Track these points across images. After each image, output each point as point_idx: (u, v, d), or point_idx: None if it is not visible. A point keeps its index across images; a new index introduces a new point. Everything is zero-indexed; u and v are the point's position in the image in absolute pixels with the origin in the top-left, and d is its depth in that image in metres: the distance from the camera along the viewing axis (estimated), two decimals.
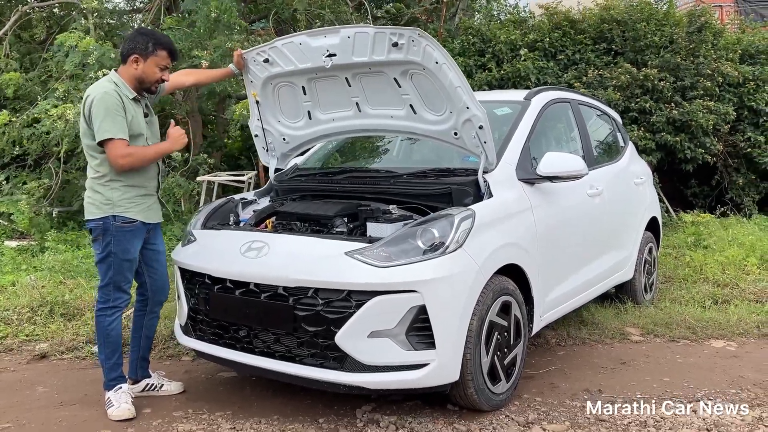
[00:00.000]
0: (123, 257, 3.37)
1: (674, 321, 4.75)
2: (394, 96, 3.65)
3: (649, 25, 9.55)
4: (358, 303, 2.97)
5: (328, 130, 4.07)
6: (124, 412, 3.32)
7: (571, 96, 4.85)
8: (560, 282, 4.01)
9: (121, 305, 3.43)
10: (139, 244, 3.45)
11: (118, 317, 3.43)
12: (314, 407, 3.46)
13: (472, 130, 3.46)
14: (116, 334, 3.42)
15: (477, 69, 9.65)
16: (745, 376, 3.84)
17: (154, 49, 3.39)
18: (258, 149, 4.25)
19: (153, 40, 3.41)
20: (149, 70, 3.40)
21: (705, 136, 8.97)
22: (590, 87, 9.12)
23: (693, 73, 9.18)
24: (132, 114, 3.34)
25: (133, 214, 3.38)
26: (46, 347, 4.45)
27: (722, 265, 6.32)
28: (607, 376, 3.86)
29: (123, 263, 3.38)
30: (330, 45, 3.50)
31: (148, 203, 3.48)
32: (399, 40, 3.33)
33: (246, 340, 3.31)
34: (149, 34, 3.45)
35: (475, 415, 3.30)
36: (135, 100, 3.41)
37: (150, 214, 3.49)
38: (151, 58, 3.39)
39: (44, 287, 5.44)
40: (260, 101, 4.00)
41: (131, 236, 3.39)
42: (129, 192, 3.38)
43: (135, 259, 3.44)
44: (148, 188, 3.48)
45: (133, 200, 3.39)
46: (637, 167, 5.42)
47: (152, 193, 3.52)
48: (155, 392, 3.66)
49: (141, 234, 3.45)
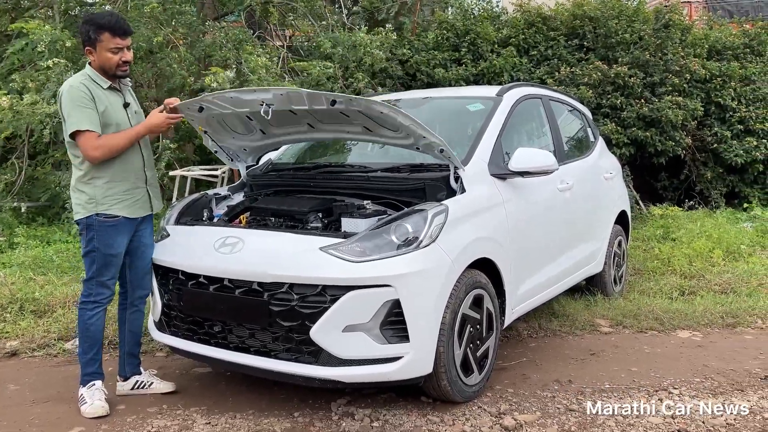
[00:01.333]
0: (105, 252, 3.35)
1: (642, 312, 4.86)
2: (345, 120, 3.59)
3: (620, 22, 9.70)
4: (333, 298, 3.00)
5: (286, 141, 4.12)
6: (98, 409, 3.31)
7: (543, 92, 4.92)
8: (531, 275, 4.07)
9: (102, 301, 3.41)
10: (124, 240, 3.41)
11: (99, 313, 3.40)
12: (289, 401, 3.49)
13: (434, 149, 3.47)
14: (95, 329, 3.40)
15: (452, 63, 9.71)
16: (709, 365, 3.96)
17: (96, 36, 3.27)
18: (223, 159, 4.23)
19: (93, 26, 3.28)
20: (102, 57, 3.30)
21: (674, 130, 9.15)
22: (563, 83, 9.23)
23: (662, 70, 9.35)
24: (106, 104, 3.30)
25: (116, 210, 3.35)
26: (17, 344, 4.40)
27: (689, 258, 6.47)
28: (577, 367, 3.95)
29: (106, 258, 3.36)
30: (264, 98, 3.36)
31: (135, 197, 3.43)
32: (337, 99, 3.25)
33: (221, 336, 3.32)
34: (90, 21, 3.32)
35: (449, 407, 3.36)
36: (112, 89, 3.36)
37: (135, 209, 3.44)
38: (98, 45, 3.28)
39: (14, 284, 5.37)
40: (207, 131, 3.93)
41: (114, 231, 3.36)
42: (113, 188, 3.35)
43: (119, 254, 3.40)
44: (133, 181, 3.42)
45: (117, 196, 3.36)
46: (606, 162, 5.52)
47: (139, 186, 3.45)
48: (144, 390, 3.62)
49: (126, 229, 3.41)
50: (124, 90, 3.48)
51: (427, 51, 9.61)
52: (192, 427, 3.21)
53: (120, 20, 3.33)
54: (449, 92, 5.20)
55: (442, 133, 4.24)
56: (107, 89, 3.34)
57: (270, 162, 4.46)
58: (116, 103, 3.37)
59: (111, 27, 3.27)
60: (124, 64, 3.34)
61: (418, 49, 9.65)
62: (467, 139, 3.96)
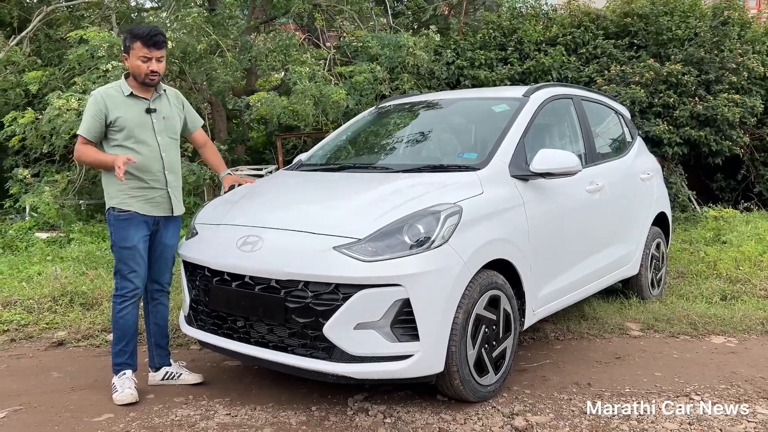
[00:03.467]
0: (121, 245, 3.55)
1: (676, 316, 4.76)
2: None
3: (672, 19, 9.44)
4: (345, 296, 3.08)
5: None
6: (127, 396, 3.50)
7: (574, 92, 4.87)
8: (555, 277, 4.05)
9: (127, 294, 3.58)
10: (138, 234, 3.57)
11: (127, 306, 3.58)
12: (309, 396, 3.59)
13: None
14: (124, 322, 3.58)
15: (498, 62, 9.66)
16: (738, 372, 3.85)
17: (130, 44, 3.51)
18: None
19: (129, 35, 3.54)
20: (133, 64, 3.53)
21: (731, 129, 8.85)
22: (612, 82, 9.06)
23: (717, 67, 9.05)
24: (122, 111, 3.52)
25: (127, 205, 3.54)
26: (64, 335, 4.68)
27: (737, 261, 6.27)
28: (599, 371, 3.91)
29: (122, 251, 3.55)
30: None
31: (149, 195, 3.59)
32: None
33: (242, 331, 3.45)
34: (128, 31, 3.58)
35: (462, 406, 3.39)
36: (134, 96, 3.56)
37: (150, 207, 3.60)
38: (131, 53, 3.52)
39: (66, 278, 5.69)
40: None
41: (127, 225, 3.55)
42: (125, 185, 3.53)
43: (135, 247, 3.55)
44: (147, 181, 3.58)
45: (129, 192, 3.54)
46: (644, 162, 5.41)
47: (155, 187, 3.61)
48: (174, 381, 3.79)
49: (140, 224, 3.58)
50: (158, 97, 3.66)
51: (473, 51, 9.59)
52: (213, 417, 3.35)
53: (154, 33, 3.52)
54: (477, 93, 5.20)
55: (465, 135, 4.33)
56: (128, 96, 3.55)
57: (300, 162, 4.59)
58: (136, 109, 3.56)
59: (143, 37, 3.49)
60: (152, 74, 3.53)
61: (463, 50, 9.65)
62: (489, 141, 3.97)
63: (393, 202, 3.41)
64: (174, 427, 3.25)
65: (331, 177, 4.17)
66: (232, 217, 3.75)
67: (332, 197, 3.77)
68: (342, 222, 3.34)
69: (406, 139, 4.56)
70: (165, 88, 3.75)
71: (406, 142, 4.55)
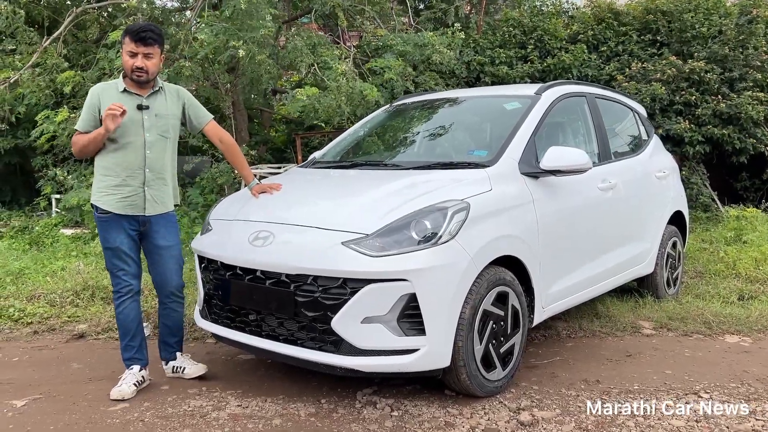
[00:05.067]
0: (104, 245, 3.63)
1: (690, 315, 4.73)
2: None
3: (696, 16, 9.34)
4: (353, 290, 3.14)
5: None
6: (121, 393, 3.55)
7: (588, 90, 4.86)
8: (565, 274, 4.06)
9: (122, 291, 3.63)
10: (120, 235, 3.58)
11: (123, 302, 3.63)
12: (319, 389, 3.65)
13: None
14: (124, 317, 3.64)
15: (518, 61, 9.65)
16: (749, 371, 3.82)
17: (123, 39, 3.55)
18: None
19: (124, 31, 3.59)
20: (124, 59, 3.57)
21: (755, 127, 8.72)
22: (633, 79, 9.00)
23: (742, 65, 8.93)
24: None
25: (103, 204, 3.56)
26: (85, 328, 4.81)
27: (757, 261, 6.19)
28: (609, 368, 3.91)
29: (107, 251, 3.63)
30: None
31: (124, 194, 3.55)
32: None
33: (254, 324, 3.52)
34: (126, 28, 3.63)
35: (469, 401, 3.42)
36: (126, 92, 3.59)
37: (123, 206, 3.56)
38: (123, 48, 3.56)
39: (88, 273, 5.83)
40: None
41: (107, 226, 3.58)
42: (103, 180, 3.58)
43: (118, 248, 3.58)
44: (123, 179, 3.55)
45: (105, 189, 3.56)
46: (660, 161, 5.38)
47: (130, 184, 3.56)
48: (180, 374, 3.86)
49: (119, 226, 3.58)
50: (154, 94, 3.65)
51: (492, 49, 9.59)
52: (224, 408, 3.43)
53: (143, 29, 3.51)
54: (489, 91, 5.22)
55: (477, 133, 4.35)
56: (122, 92, 3.59)
57: (314, 160, 4.66)
58: (127, 105, 3.51)
59: (132, 32, 3.51)
60: (138, 70, 3.52)
61: (483, 48, 9.65)
62: (500, 138, 4.00)
63: (401, 198, 3.45)
64: (186, 416, 3.33)
65: (342, 174, 4.24)
66: (245, 214, 3.82)
67: (342, 194, 3.83)
68: (351, 218, 3.39)
69: (418, 137, 4.60)
70: (164, 85, 3.73)
71: (418, 140, 4.59)
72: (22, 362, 4.22)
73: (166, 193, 3.72)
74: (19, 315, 5.06)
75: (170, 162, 3.75)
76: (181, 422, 3.26)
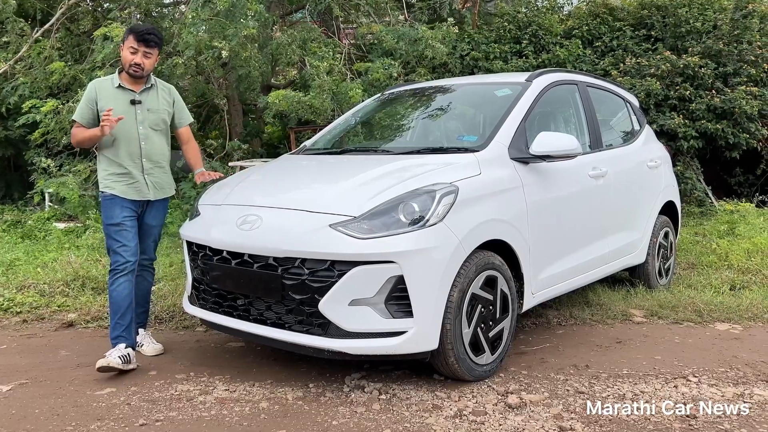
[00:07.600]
0: (108, 222, 3.83)
1: (681, 304, 4.73)
2: None
3: (690, 11, 9.35)
4: (340, 273, 3.12)
5: None
6: (110, 360, 3.60)
7: (579, 78, 4.86)
8: (556, 261, 4.05)
9: (119, 268, 3.74)
10: (123, 212, 3.82)
11: (118, 279, 3.73)
12: (308, 374, 3.64)
13: None
14: (117, 294, 3.73)
15: (512, 56, 9.65)
16: (739, 356, 3.82)
17: (126, 37, 3.85)
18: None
19: (128, 29, 3.88)
20: (124, 54, 3.85)
21: (749, 122, 8.72)
22: (628, 74, 9.00)
23: (736, 59, 8.94)
24: (110, 101, 3.79)
25: (110, 189, 3.83)
26: (74, 317, 4.78)
27: (748, 253, 6.19)
28: (598, 354, 3.90)
29: (110, 228, 3.81)
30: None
31: (128, 181, 3.85)
32: None
33: (242, 308, 3.50)
34: (130, 26, 3.93)
35: (458, 384, 3.41)
36: (121, 88, 3.85)
37: (131, 191, 3.85)
38: (125, 44, 3.85)
39: (79, 263, 5.81)
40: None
41: (112, 204, 3.83)
42: (108, 168, 3.86)
43: (121, 223, 3.79)
44: (124, 167, 3.84)
45: (109, 177, 3.85)
46: (652, 150, 5.37)
47: (132, 173, 3.85)
48: (139, 350, 3.99)
49: (123, 204, 3.83)
50: (147, 90, 3.91)
51: (487, 44, 9.59)
52: (212, 392, 3.42)
53: (149, 32, 3.82)
54: (480, 79, 5.22)
55: (468, 120, 4.35)
56: (117, 88, 3.85)
57: (305, 147, 4.64)
58: (122, 100, 3.84)
59: (137, 32, 3.83)
60: (135, 66, 3.81)
61: (478, 43, 9.65)
62: (490, 124, 3.99)
63: (389, 181, 3.44)
64: (173, 400, 3.31)
65: (332, 159, 4.23)
66: (233, 198, 3.81)
67: (330, 178, 3.82)
68: (338, 200, 3.38)
69: (409, 124, 4.60)
70: (157, 82, 4.00)
71: (409, 127, 4.59)
72: (10, 350, 4.20)
73: (166, 180, 4.05)
74: (8, 305, 5.03)
75: (167, 151, 4.05)
76: (168, 406, 3.25)
